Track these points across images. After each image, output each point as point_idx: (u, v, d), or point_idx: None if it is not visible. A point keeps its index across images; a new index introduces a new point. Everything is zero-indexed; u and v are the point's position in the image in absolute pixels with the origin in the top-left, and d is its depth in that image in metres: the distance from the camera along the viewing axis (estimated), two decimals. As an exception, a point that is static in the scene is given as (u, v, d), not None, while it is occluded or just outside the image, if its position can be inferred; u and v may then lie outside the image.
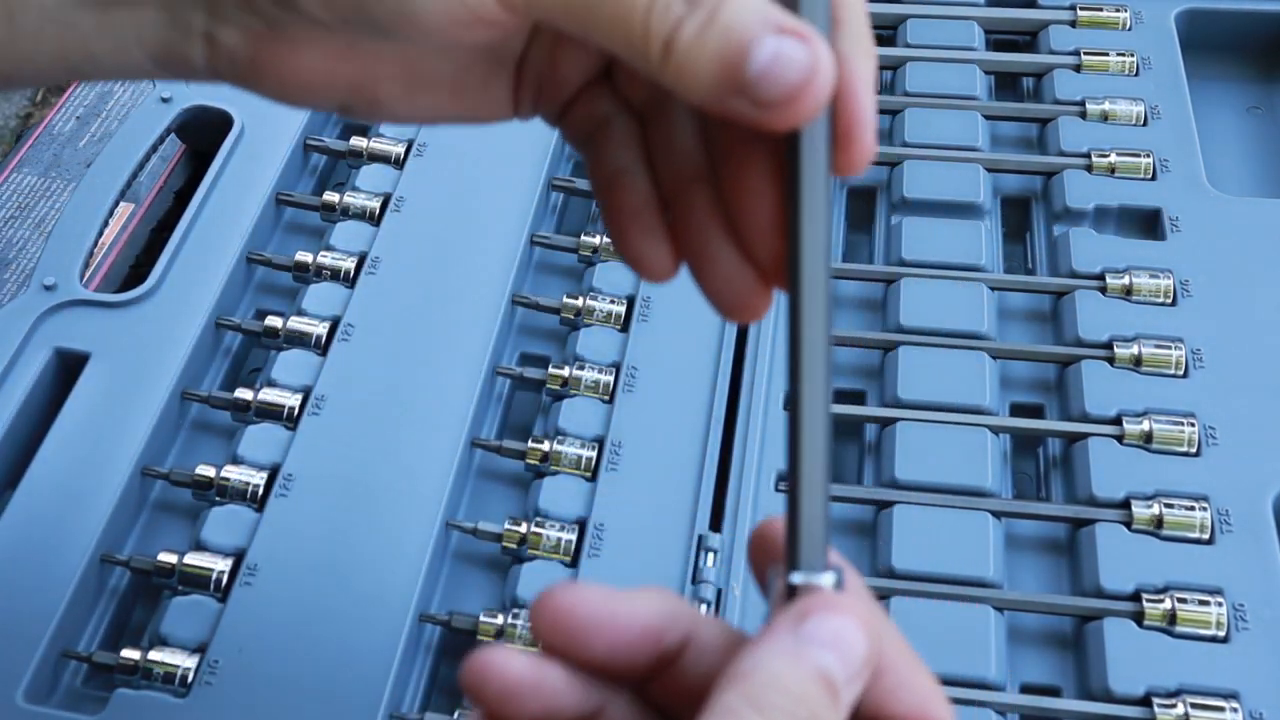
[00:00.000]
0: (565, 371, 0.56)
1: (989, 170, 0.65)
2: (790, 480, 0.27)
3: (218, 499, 0.53)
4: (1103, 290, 0.59)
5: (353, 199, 0.64)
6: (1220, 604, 0.48)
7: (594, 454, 0.54)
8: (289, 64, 0.30)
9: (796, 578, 0.26)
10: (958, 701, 0.47)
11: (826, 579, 0.26)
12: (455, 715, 0.47)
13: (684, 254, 0.32)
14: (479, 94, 0.32)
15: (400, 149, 0.66)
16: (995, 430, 0.55)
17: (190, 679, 0.48)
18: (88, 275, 0.62)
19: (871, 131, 0.27)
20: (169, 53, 0.30)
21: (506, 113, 0.33)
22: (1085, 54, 0.69)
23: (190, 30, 0.30)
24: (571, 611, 0.27)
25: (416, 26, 0.27)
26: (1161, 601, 0.49)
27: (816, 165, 0.26)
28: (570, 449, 0.54)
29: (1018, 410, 0.58)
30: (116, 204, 0.64)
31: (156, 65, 0.31)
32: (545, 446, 0.54)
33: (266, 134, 0.67)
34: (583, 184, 0.65)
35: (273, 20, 0.29)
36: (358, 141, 0.66)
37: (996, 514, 0.52)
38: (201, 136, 0.70)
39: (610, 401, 0.56)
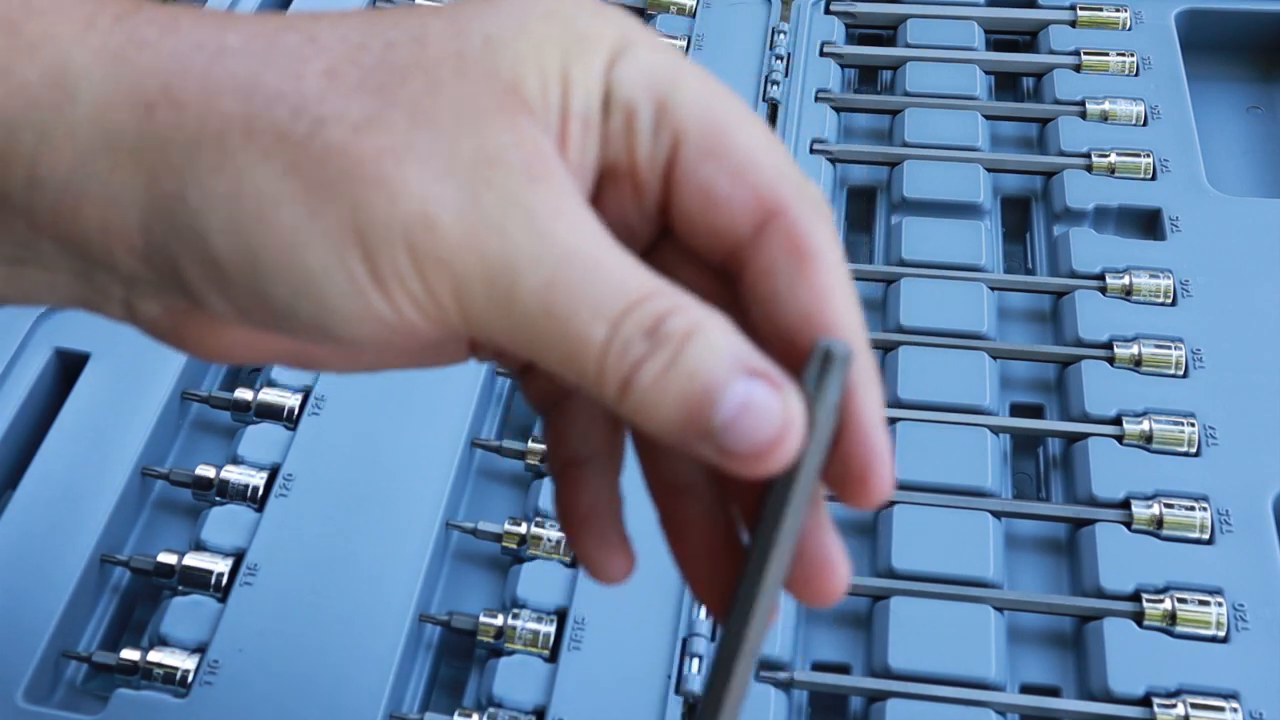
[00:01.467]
0: (565, 371, 0.56)
1: (989, 170, 0.65)
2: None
3: (218, 499, 0.53)
4: (1103, 290, 0.59)
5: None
6: (1220, 604, 0.48)
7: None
8: (214, 339, 0.28)
9: None
10: (958, 701, 0.47)
11: None
12: (455, 715, 0.47)
13: (565, 521, 0.30)
14: (431, 355, 0.30)
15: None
16: (995, 430, 0.54)
17: (190, 679, 0.48)
18: (88, 275, 0.62)
19: (888, 468, 0.25)
20: (86, 305, 0.28)
21: (463, 359, 0.31)
22: (1085, 54, 0.69)
23: (108, 296, 0.27)
24: None
25: (341, 344, 0.25)
26: (1161, 601, 0.48)
27: (792, 505, 0.24)
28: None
29: (1018, 410, 0.58)
30: (116, 204, 0.64)
31: (75, 307, 0.29)
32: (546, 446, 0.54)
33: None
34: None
35: (190, 303, 0.26)
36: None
37: (996, 514, 0.52)
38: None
39: (610, 401, 0.56)
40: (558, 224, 0.23)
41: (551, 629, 0.49)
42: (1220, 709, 0.46)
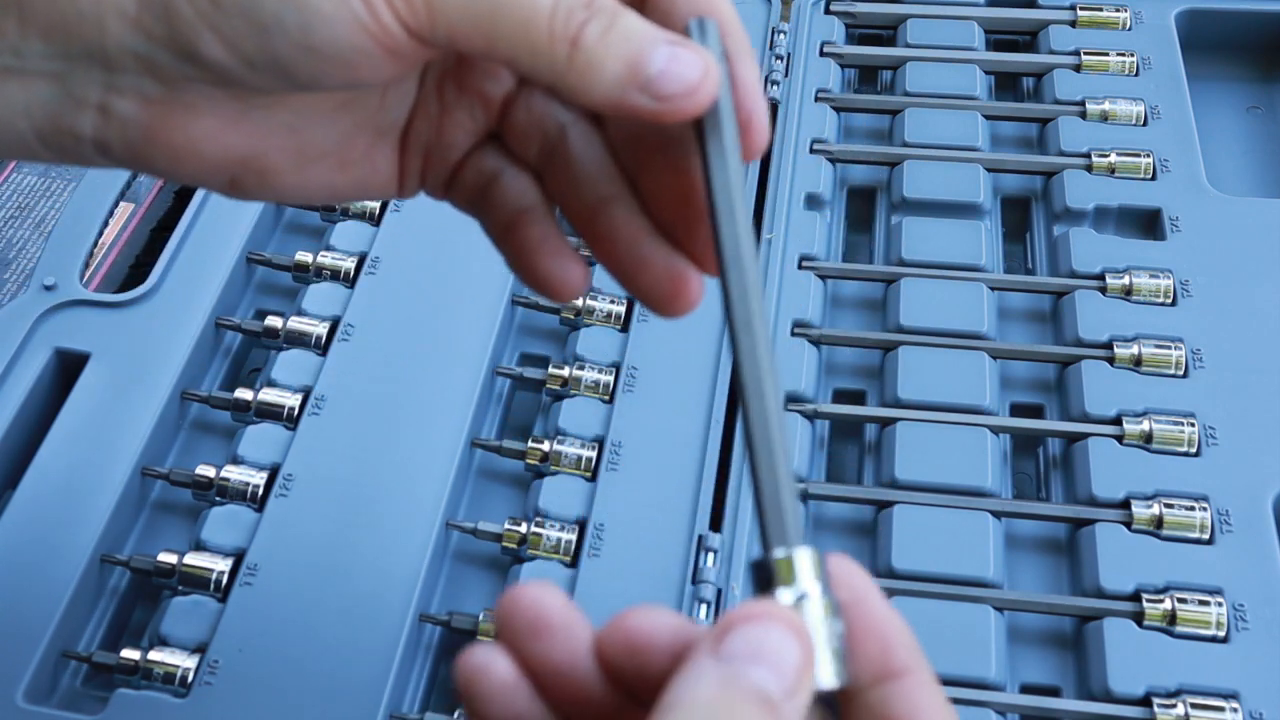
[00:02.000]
0: (565, 371, 0.56)
1: (989, 170, 0.65)
2: (750, 457, 0.27)
3: (218, 499, 0.53)
4: (1103, 290, 0.59)
5: (353, 199, 0.64)
6: (1220, 604, 0.48)
7: (594, 454, 0.54)
8: (182, 132, 0.30)
9: (771, 553, 0.25)
10: (958, 701, 0.47)
11: (800, 555, 0.25)
12: (455, 715, 0.47)
13: (613, 268, 0.34)
14: (364, 165, 0.34)
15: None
16: (995, 430, 0.55)
17: (190, 679, 0.48)
18: (88, 275, 0.62)
19: (764, 120, 0.31)
20: (57, 128, 0.30)
21: (392, 186, 0.35)
22: (1085, 54, 0.69)
23: (83, 102, 0.29)
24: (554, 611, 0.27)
25: (321, 60, 0.28)
26: (1161, 601, 0.49)
27: (727, 149, 0.29)
28: (570, 449, 0.54)
29: (1018, 410, 0.58)
30: (116, 204, 0.64)
31: (41, 142, 0.30)
32: (545, 446, 0.54)
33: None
34: (583, 184, 0.65)
35: (172, 81, 0.29)
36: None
37: (996, 514, 0.52)
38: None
39: (610, 402, 0.56)
40: None
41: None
42: (1220, 709, 0.46)
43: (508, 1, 0.28)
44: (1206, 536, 0.51)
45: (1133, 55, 0.69)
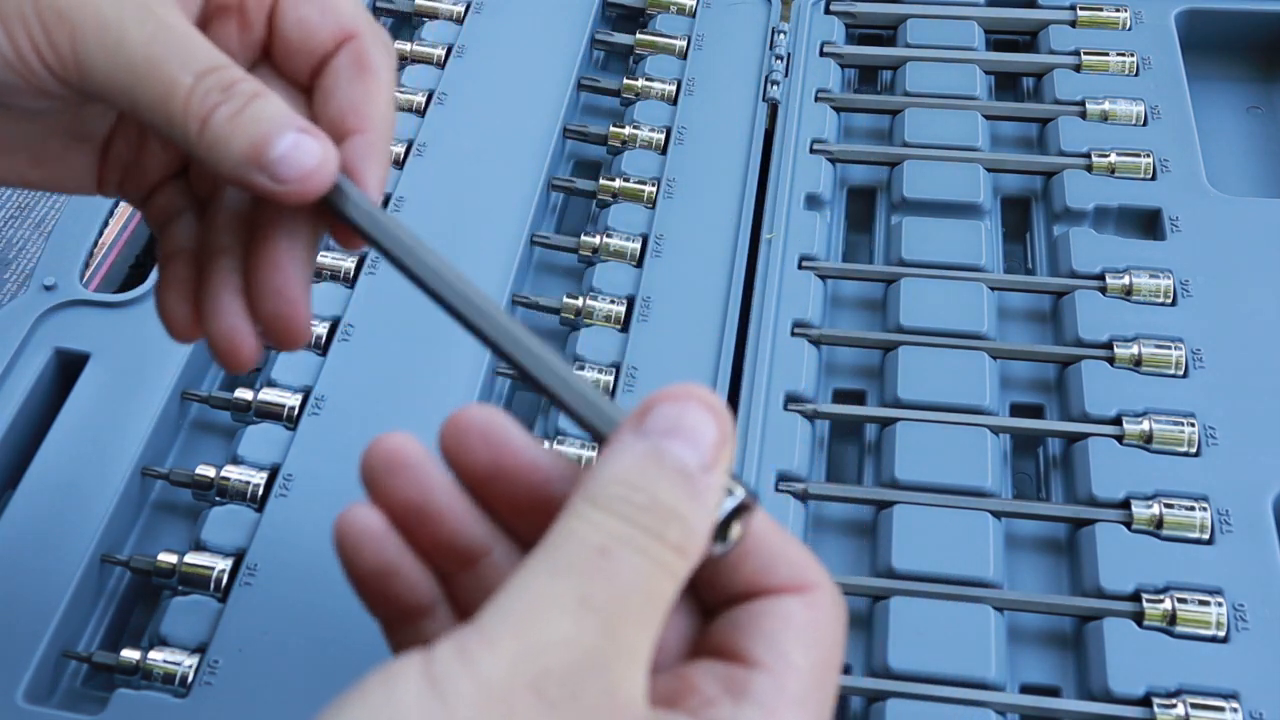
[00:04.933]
0: (565, 371, 0.56)
1: (989, 170, 0.65)
2: (526, 377, 0.30)
3: (218, 499, 0.53)
4: (1103, 290, 0.59)
5: (353, 199, 0.64)
6: (1220, 604, 0.48)
7: (595, 454, 0.54)
8: None
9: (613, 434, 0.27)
10: (958, 701, 0.47)
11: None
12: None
13: (202, 309, 0.35)
14: (58, 165, 0.36)
15: (400, 149, 0.66)
16: (995, 430, 0.55)
17: (190, 679, 0.48)
18: (88, 275, 0.62)
19: (375, 186, 0.34)
20: None
21: (89, 187, 0.37)
22: (1085, 54, 0.69)
23: None
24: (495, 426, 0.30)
25: None
26: (1161, 601, 0.49)
27: (365, 204, 0.33)
28: (571, 449, 0.54)
29: (1018, 410, 0.58)
30: (116, 204, 0.64)
31: None
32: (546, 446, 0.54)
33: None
34: (583, 184, 0.65)
35: None
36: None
37: (996, 514, 0.52)
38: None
39: (610, 401, 0.56)
40: (161, 6, 0.31)
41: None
42: (1220, 709, 0.46)
43: (150, 74, 0.30)
44: (1206, 536, 0.51)
45: (1133, 55, 0.69)
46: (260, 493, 0.53)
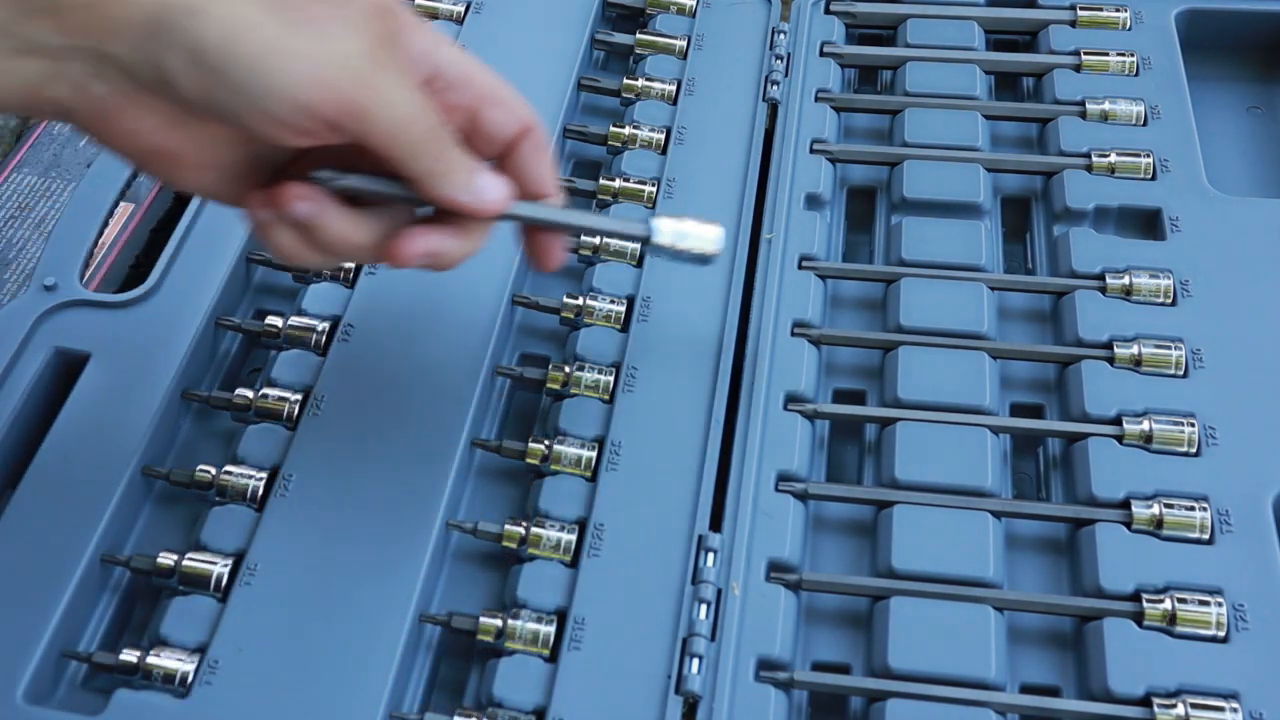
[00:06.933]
0: (565, 371, 0.56)
1: (989, 170, 0.65)
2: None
3: (218, 499, 0.53)
4: (1103, 290, 0.59)
5: (353, 199, 0.64)
6: (1220, 604, 0.48)
7: (594, 454, 0.54)
8: (132, 121, 0.39)
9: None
10: (958, 701, 0.47)
11: (656, 223, 0.49)
12: (455, 715, 0.47)
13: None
14: (239, 183, 0.42)
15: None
16: (995, 430, 0.55)
17: (190, 679, 0.48)
18: (88, 275, 0.62)
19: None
20: (38, 96, 0.37)
21: (238, 201, 0.43)
22: (1085, 54, 0.69)
23: (64, 78, 0.37)
24: None
25: (264, 121, 0.38)
26: (1161, 601, 0.49)
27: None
28: (570, 449, 0.54)
29: (1018, 410, 0.58)
30: (116, 204, 0.64)
31: (19, 102, 0.38)
32: (545, 446, 0.54)
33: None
34: (583, 184, 0.65)
35: (143, 87, 0.38)
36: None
37: (996, 514, 0.52)
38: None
39: (610, 402, 0.56)
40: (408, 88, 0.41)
41: (551, 629, 0.49)
42: (1220, 709, 0.46)
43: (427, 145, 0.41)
44: (1206, 536, 0.51)
45: (1133, 55, 0.69)
46: (260, 493, 0.53)
